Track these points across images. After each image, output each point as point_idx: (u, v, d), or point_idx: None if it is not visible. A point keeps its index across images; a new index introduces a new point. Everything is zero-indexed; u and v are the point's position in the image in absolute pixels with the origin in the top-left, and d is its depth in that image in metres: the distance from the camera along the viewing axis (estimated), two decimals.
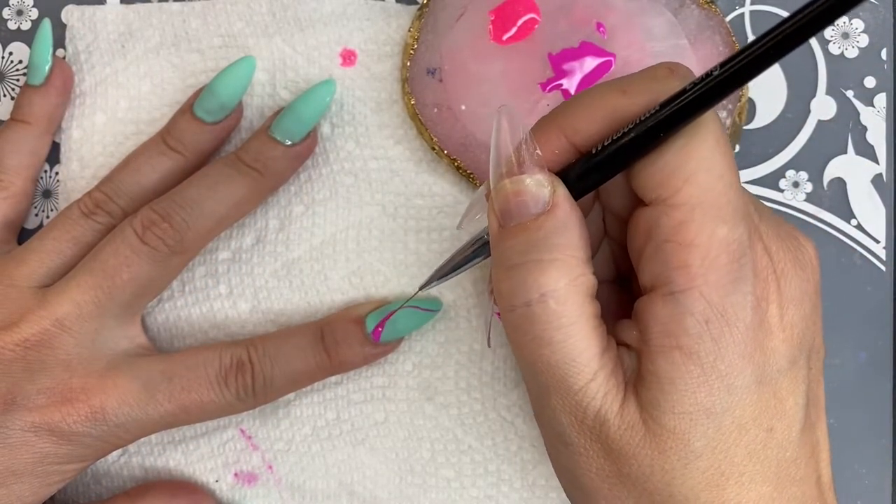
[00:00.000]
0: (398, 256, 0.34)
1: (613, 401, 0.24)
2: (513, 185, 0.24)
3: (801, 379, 0.24)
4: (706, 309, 0.23)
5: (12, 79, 0.35)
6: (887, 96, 0.34)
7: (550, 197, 0.24)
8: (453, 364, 0.33)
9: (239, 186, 0.31)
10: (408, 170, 0.34)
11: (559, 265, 0.23)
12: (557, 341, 0.23)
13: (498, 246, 0.25)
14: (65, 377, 0.29)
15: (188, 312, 0.34)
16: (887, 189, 0.34)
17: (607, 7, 0.33)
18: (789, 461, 0.24)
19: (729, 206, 0.23)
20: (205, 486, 0.34)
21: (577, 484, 0.25)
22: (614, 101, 0.24)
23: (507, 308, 0.24)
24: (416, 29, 0.33)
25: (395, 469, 0.33)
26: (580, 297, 0.24)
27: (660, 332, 0.23)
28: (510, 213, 0.24)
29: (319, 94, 0.32)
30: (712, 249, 0.23)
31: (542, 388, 0.24)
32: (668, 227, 0.23)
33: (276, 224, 0.34)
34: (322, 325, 0.32)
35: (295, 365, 0.31)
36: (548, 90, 0.33)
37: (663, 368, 0.23)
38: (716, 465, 0.23)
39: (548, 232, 0.24)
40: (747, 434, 0.23)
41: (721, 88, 0.21)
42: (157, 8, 0.35)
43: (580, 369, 0.23)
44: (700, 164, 0.23)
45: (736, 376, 0.23)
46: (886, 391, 0.34)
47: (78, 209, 0.31)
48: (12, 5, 0.36)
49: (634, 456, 0.23)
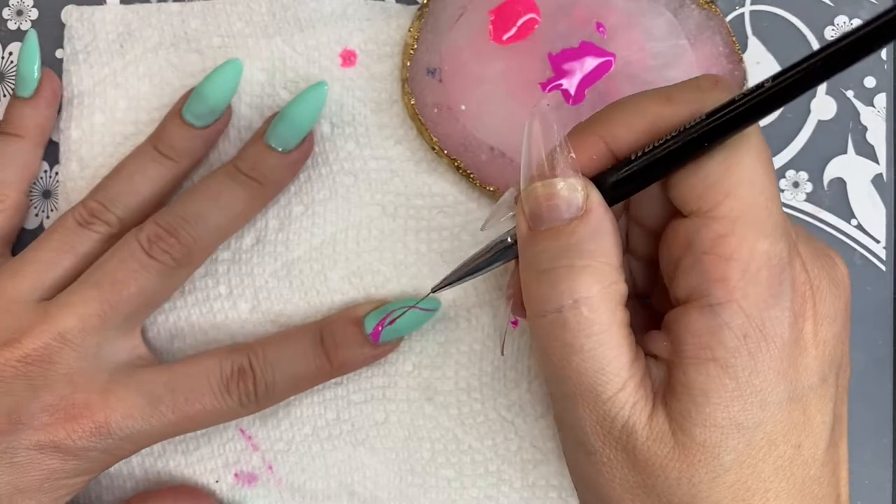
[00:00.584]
0: (398, 256, 0.34)
1: (642, 411, 0.23)
2: (544, 189, 0.24)
3: (829, 397, 0.24)
4: (745, 323, 0.22)
5: (12, 79, 0.35)
6: (887, 96, 0.34)
7: (584, 202, 0.24)
8: (453, 364, 0.33)
9: (240, 198, 0.31)
10: (408, 170, 0.34)
11: (592, 271, 0.23)
12: (588, 349, 0.23)
13: (528, 249, 0.24)
14: (67, 392, 0.29)
15: (188, 313, 0.34)
16: (887, 189, 0.34)
17: (607, 7, 0.33)
18: (813, 479, 0.24)
19: (770, 220, 0.23)
20: (205, 487, 0.34)
21: (598, 494, 0.25)
22: (657, 109, 0.24)
23: (538, 313, 0.24)
24: (416, 29, 0.33)
25: (396, 469, 0.33)
26: (612, 304, 0.23)
27: (695, 344, 0.23)
28: (541, 217, 0.24)
29: (312, 99, 0.31)
30: (753, 263, 0.22)
31: (568, 396, 0.24)
32: (708, 240, 0.23)
33: (276, 224, 0.34)
34: (321, 328, 0.32)
35: (296, 369, 0.31)
36: (548, 90, 0.33)
37: (697, 380, 0.23)
38: (743, 479, 0.23)
39: (581, 237, 0.23)
40: (776, 450, 0.23)
41: (770, 102, 0.21)
42: (157, 8, 0.35)
43: (610, 378, 0.23)
44: (742, 178, 0.23)
45: (770, 392, 0.23)
46: (886, 391, 0.34)
47: (73, 219, 0.31)
48: (12, 5, 0.36)
49: (662, 468, 0.23)
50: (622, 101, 0.25)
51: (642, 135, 0.24)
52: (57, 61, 0.35)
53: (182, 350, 0.34)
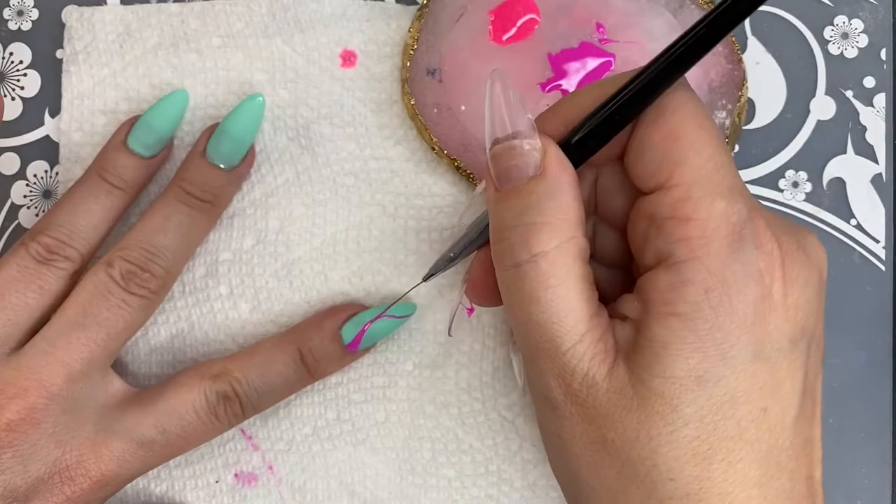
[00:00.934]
0: (398, 256, 0.34)
1: (601, 364, 0.24)
2: (505, 150, 0.25)
3: (799, 364, 0.24)
4: (707, 278, 0.23)
5: (12, 79, 0.35)
6: (887, 96, 0.34)
7: (542, 160, 0.24)
8: (453, 364, 0.33)
9: (199, 221, 0.32)
10: (408, 170, 0.34)
11: (550, 228, 0.24)
12: (546, 300, 0.24)
13: (493, 209, 0.25)
14: (58, 455, 0.29)
15: (188, 313, 0.34)
16: (887, 189, 0.34)
17: (607, 7, 0.33)
18: (780, 449, 0.24)
19: (724, 182, 0.23)
20: (205, 487, 0.34)
21: (562, 451, 0.25)
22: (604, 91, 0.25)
23: (501, 268, 0.25)
24: (415, 29, 0.33)
25: (396, 469, 0.33)
26: (570, 258, 0.24)
27: (659, 301, 0.23)
28: (504, 177, 0.25)
29: (250, 112, 0.31)
30: (711, 221, 0.23)
31: (532, 351, 0.25)
32: (668, 206, 0.24)
33: (276, 225, 0.34)
34: (299, 345, 0.31)
35: (278, 387, 0.31)
36: (547, 90, 0.33)
37: (659, 334, 0.23)
38: (703, 436, 0.23)
39: (539, 196, 0.24)
40: (739, 409, 0.23)
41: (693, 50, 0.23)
42: (156, 9, 0.35)
43: (568, 330, 0.24)
44: (688, 147, 0.23)
45: (732, 346, 0.23)
46: (886, 391, 0.34)
47: (29, 256, 0.30)
48: (13, 5, 0.36)
49: (621, 420, 0.23)
50: (574, 92, 0.26)
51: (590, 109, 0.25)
52: (57, 61, 0.35)
53: (182, 350, 0.34)
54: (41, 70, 0.35)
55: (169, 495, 0.34)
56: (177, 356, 0.34)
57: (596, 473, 0.24)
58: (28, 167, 0.35)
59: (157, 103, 0.32)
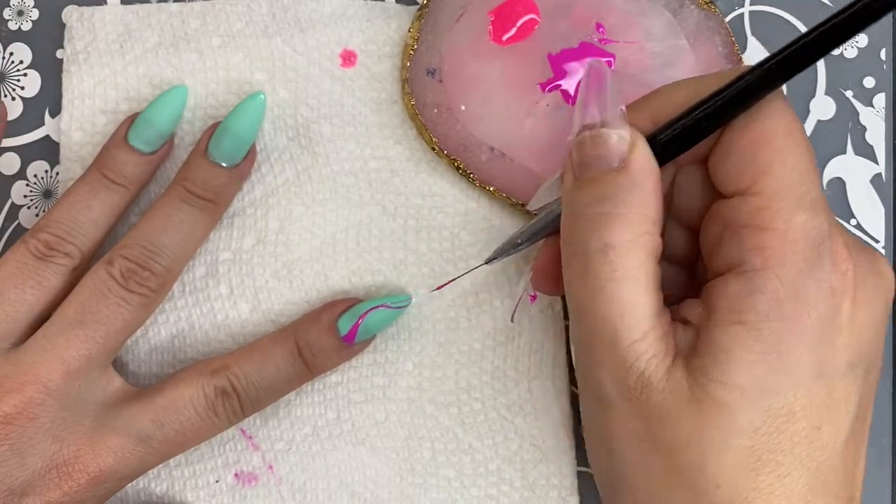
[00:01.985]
0: (398, 256, 0.34)
1: (660, 364, 0.23)
2: (592, 139, 0.24)
3: (856, 388, 0.24)
4: (778, 289, 0.22)
5: (12, 79, 0.35)
6: (886, 96, 0.34)
7: (629, 153, 0.24)
8: (453, 364, 0.33)
9: (201, 220, 0.31)
10: (408, 170, 0.34)
11: (625, 220, 0.24)
12: (612, 291, 0.23)
13: (569, 196, 0.25)
14: (55, 450, 0.29)
15: (188, 313, 0.34)
16: (886, 189, 0.34)
17: (607, 7, 0.33)
18: (829, 469, 0.23)
19: (808, 196, 0.23)
20: (205, 487, 0.34)
21: (608, 446, 0.25)
22: (696, 84, 0.25)
23: (570, 253, 0.24)
24: (415, 29, 0.33)
25: (396, 469, 0.33)
26: (642, 254, 0.24)
27: (726, 308, 0.23)
28: (587, 166, 0.24)
29: (252, 110, 0.31)
30: (790, 233, 0.23)
31: (588, 342, 0.24)
32: (747, 214, 0.23)
33: (276, 224, 0.34)
34: (296, 339, 0.31)
35: (277, 383, 0.31)
36: (547, 90, 0.33)
37: (722, 340, 0.23)
38: (756, 446, 0.23)
39: (619, 187, 0.24)
40: (795, 425, 0.23)
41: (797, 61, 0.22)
42: (157, 9, 0.35)
43: (631, 325, 0.23)
44: (774, 156, 0.23)
45: (796, 361, 0.22)
46: (886, 391, 0.34)
47: (29, 252, 0.30)
48: (13, 6, 0.36)
49: (675, 423, 0.23)
50: (666, 86, 0.26)
51: (683, 108, 0.25)
52: (57, 61, 0.35)
53: (182, 350, 0.34)
54: (41, 70, 0.35)
55: (169, 495, 0.34)
56: (177, 356, 0.34)
57: (640, 471, 0.24)
58: (28, 167, 0.35)
59: (156, 99, 0.32)
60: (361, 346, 0.33)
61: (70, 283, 0.30)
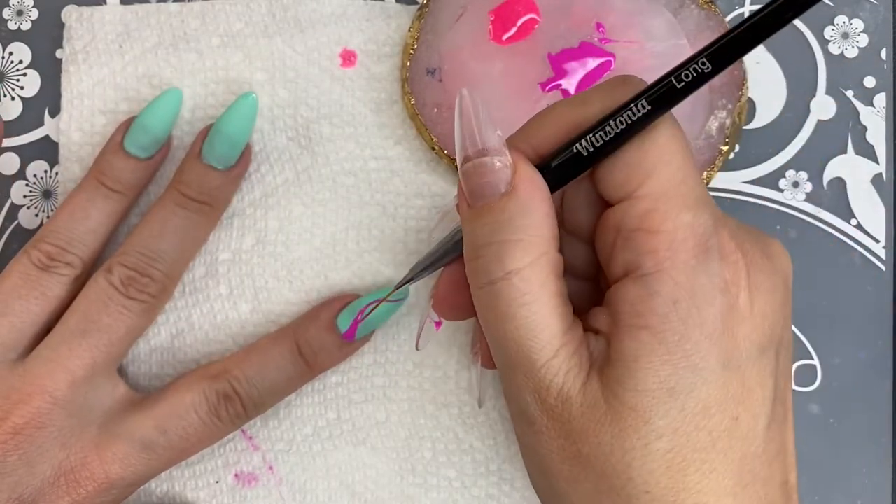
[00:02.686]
0: (398, 256, 0.34)
1: (576, 378, 0.24)
2: (476, 167, 0.25)
3: (769, 371, 0.24)
4: (674, 289, 0.23)
5: (12, 79, 0.35)
6: (887, 96, 0.34)
7: (513, 177, 0.24)
8: (453, 364, 0.33)
9: (198, 224, 0.32)
10: (408, 170, 0.34)
11: (523, 245, 0.24)
12: (521, 317, 0.24)
13: (467, 226, 0.25)
14: (62, 457, 0.29)
15: (188, 313, 0.34)
16: (887, 189, 0.34)
17: (607, 7, 0.33)
18: (754, 456, 0.24)
19: (691, 194, 0.24)
20: (205, 487, 0.34)
21: (540, 466, 0.25)
22: (575, 112, 0.25)
23: (477, 286, 0.25)
24: (415, 29, 0.33)
25: (397, 469, 0.33)
26: (543, 275, 0.24)
27: (628, 313, 0.23)
28: (476, 194, 0.25)
29: (243, 111, 0.31)
30: (678, 233, 0.23)
31: (508, 367, 0.25)
32: (636, 217, 0.24)
33: (276, 225, 0.34)
34: (297, 339, 0.32)
35: (278, 384, 0.31)
36: (547, 90, 0.33)
37: (629, 347, 0.23)
38: (677, 447, 0.23)
39: (511, 213, 0.24)
40: (711, 419, 0.23)
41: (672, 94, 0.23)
42: (156, 9, 0.35)
43: (543, 345, 0.24)
44: (659, 159, 0.24)
45: (702, 357, 0.23)
46: (886, 391, 0.34)
47: (31, 264, 0.30)
48: (12, 5, 0.36)
49: (595, 435, 0.23)
50: (542, 112, 0.26)
51: (565, 137, 0.25)
52: (57, 61, 0.35)
53: (182, 350, 0.34)
54: (41, 70, 0.35)
55: (169, 495, 0.34)
56: (177, 356, 0.34)
57: (573, 487, 0.24)
58: (28, 167, 0.35)
59: (151, 103, 0.32)
60: (362, 343, 0.33)
61: (73, 292, 0.31)
